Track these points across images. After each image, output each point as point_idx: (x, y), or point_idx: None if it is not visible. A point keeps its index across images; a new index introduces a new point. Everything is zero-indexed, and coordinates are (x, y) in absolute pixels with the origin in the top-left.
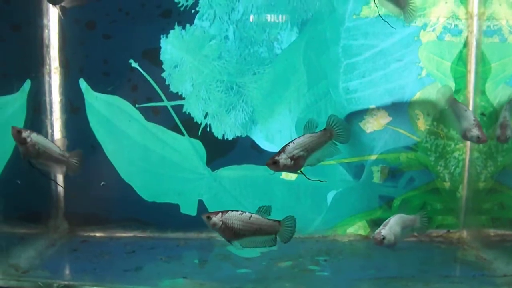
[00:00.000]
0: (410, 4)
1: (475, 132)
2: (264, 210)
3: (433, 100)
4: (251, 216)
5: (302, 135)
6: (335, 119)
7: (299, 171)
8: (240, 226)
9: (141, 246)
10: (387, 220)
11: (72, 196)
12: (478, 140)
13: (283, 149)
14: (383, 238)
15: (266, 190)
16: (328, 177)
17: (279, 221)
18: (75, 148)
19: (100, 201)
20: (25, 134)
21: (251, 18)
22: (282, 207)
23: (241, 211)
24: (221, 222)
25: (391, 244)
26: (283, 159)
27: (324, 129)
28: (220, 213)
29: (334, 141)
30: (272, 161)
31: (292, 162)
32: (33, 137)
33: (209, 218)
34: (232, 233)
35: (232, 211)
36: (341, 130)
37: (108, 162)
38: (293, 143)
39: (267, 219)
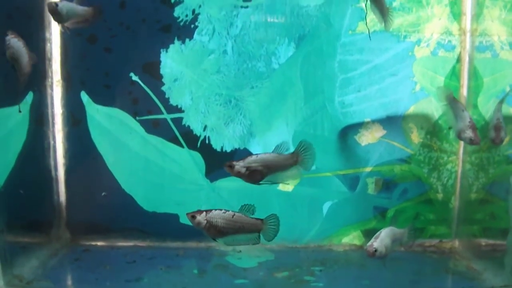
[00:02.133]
0: (390, 13)
1: (468, 133)
2: (247, 209)
3: (427, 113)
4: (234, 214)
5: (270, 152)
6: (305, 145)
7: (260, 183)
8: (224, 224)
9: (142, 255)
10: (378, 233)
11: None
12: (471, 142)
13: (244, 158)
14: (375, 251)
15: (264, 201)
16: (324, 189)
17: (262, 219)
18: (76, 157)
19: (102, 211)
20: (7, 37)
21: (250, 32)
22: (279, 217)
23: (225, 209)
24: (205, 221)
25: (382, 256)
26: (238, 166)
27: (292, 153)
28: (204, 212)
29: (298, 166)
30: (229, 164)
31: (247, 172)
32: (12, 41)
33: (193, 217)
34: (216, 231)
35: (216, 210)
36: (308, 157)
37: (109, 173)
38: (257, 156)
39: (250, 217)
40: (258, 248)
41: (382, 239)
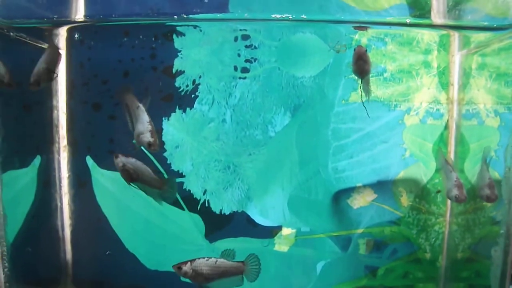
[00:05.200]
0: (371, 87)
1: (454, 192)
2: (228, 254)
3: (416, 178)
4: (217, 260)
5: (148, 168)
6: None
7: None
8: (208, 270)
9: None
10: None
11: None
12: (456, 199)
13: (130, 157)
14: None
15: (260, 261)
16: (318, 249)
17: (243, 262)
18: (82, 218)
19: (106, 269)
20: None
21: (248, 101)
22: (275, 276)
23: (207, 257)
24: (191, 270)
25: None
26: (120, 160)
27: (164, 179)
28: (189, 262)
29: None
30: (116, 154)
31: (122, 167)
32: None
33: (179, 268)
34: (202, 278)
35: (199, 258)
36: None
37: (113, 233)
38: (136, 161)
39: (232, 261)
40: None
41: None
